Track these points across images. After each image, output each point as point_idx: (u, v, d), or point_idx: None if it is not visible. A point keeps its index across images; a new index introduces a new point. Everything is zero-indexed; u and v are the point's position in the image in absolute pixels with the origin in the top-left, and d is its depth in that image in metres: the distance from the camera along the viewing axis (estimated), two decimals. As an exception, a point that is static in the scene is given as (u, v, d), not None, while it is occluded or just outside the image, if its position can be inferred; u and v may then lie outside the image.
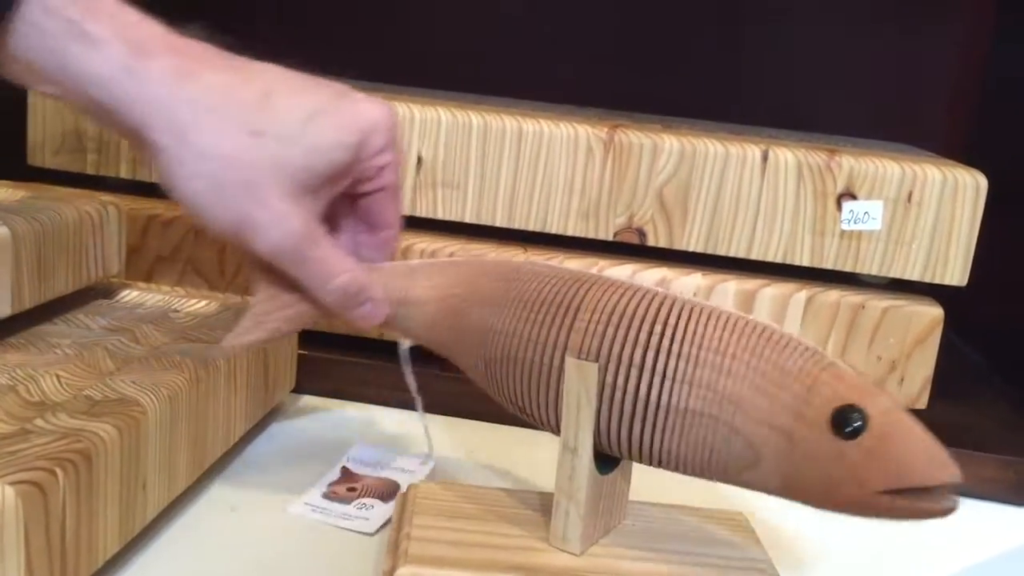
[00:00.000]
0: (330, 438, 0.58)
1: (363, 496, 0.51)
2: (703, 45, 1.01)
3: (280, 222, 0.41)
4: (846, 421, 0.35)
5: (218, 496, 0.50)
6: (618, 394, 0.39)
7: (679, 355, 0.38)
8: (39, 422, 0.39)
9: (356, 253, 0.47)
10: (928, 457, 0.34)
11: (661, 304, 0.39)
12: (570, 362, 0.39)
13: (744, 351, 0.37)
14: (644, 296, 0.40)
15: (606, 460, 0.41)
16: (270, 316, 0.45)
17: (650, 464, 0.40)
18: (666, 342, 0.38)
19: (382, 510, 0.49)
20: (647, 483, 0.49)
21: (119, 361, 0.47)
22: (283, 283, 0.45)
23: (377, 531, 0.48)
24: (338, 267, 0.44)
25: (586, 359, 0.39)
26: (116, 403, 0.42)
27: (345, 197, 0.46)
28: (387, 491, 0.51)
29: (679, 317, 0.39)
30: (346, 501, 0.50)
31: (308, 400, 0.63)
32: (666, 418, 0.38)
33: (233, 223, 0.41)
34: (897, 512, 0.35)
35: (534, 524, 0.43)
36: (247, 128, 0.40)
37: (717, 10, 1.00)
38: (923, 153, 0.71)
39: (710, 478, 0.39)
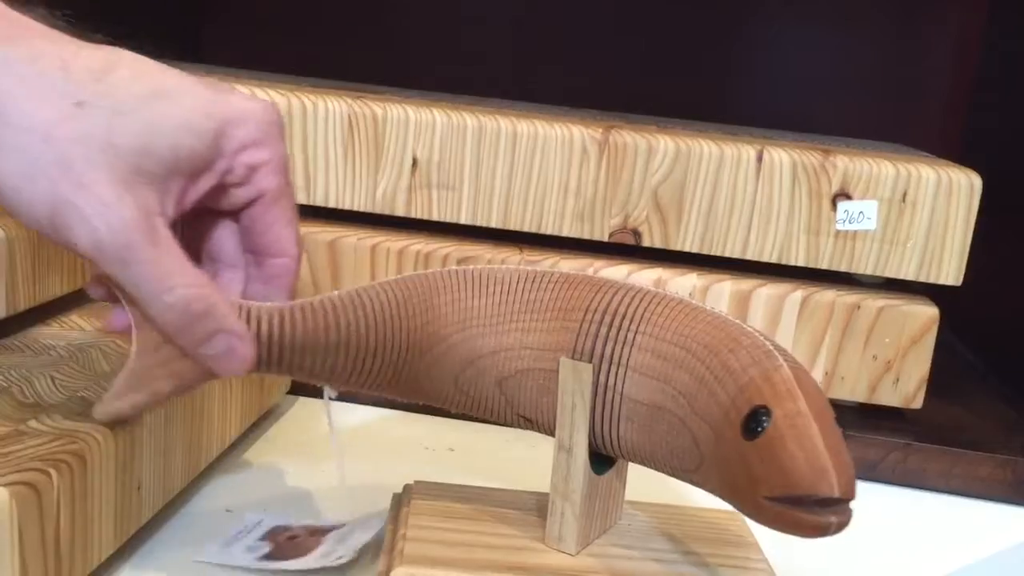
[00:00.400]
0: (325, 441, 0.58)
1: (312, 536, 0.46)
2: (697, 47, 1.01)
3: (104, 210, 0.33)
4: (755, 423, 0.33)
5: (214, 498, 0.49)
6: (611, 395, 0.39)
7: (642, 347, 0.38)
8: (33, 423, 0.39)
9: (244, 293, 0.40)
10: (812, 465, 0.32)
11: (634, 297, 0.39)
12: (565, 363, 0.39)
13: (699, 344, 0.37)
14: (624, 291, 0.40)
15: (601, 460, 0.41)
16: (150, 374, 0.38)
17: (635, 462, 0.40)
18: (631, 335, 0.38)
19: (354, 539, 0.45)
20: (644, 483, 0.49)
21: (114, 362, 0.47)
22: (162, 336, 0.37)
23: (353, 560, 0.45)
24: (178, 276, 0.35)
25: (580, 359, 0.39)
26: (111, 404, 0.42)
27: (223, 218, 0.39)
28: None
29: (646, 309, 0.39)
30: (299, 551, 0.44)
31: (304, 402, 0.63)
32: (635, 411, 0.38)
33: (47, 211, 0.33)
34: (781, 521, 0.32)
35: (530, 524, 0.43)
36: (73, 98, 0.34)
37: (711, 12, 1.00)
38: (917, 153, 0.72)
39: (679, 478, 0.39)
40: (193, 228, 0.40)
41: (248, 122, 0.37)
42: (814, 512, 0.32)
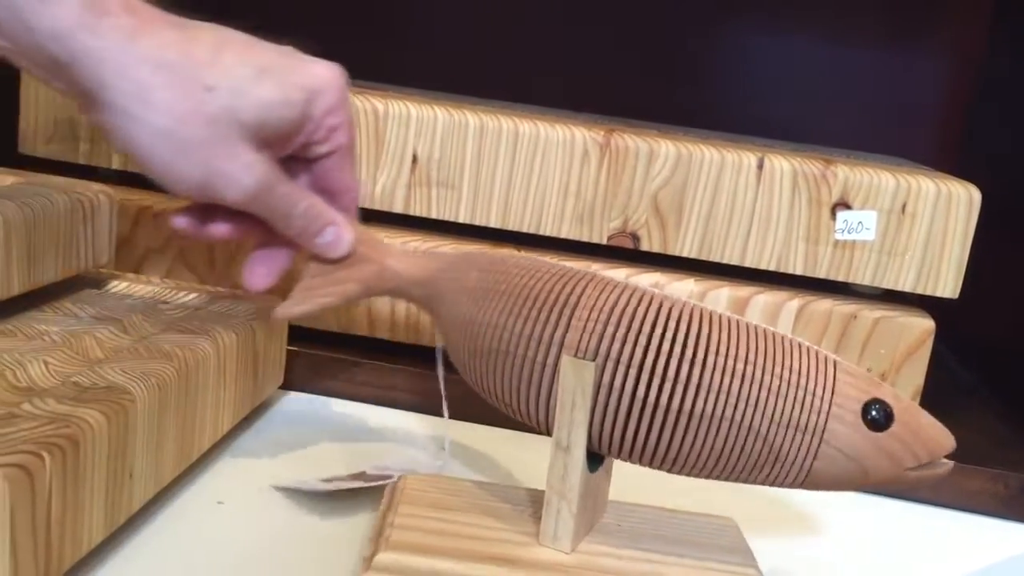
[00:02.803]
0: (317, 435, 0.58)
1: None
2: (699, 57, 1.01)
3: (249, 170, 0.42)
4: (876, 414, 0.38)
5: (205, 489, 0.49)
6: (615, 394, 0.39)
7: (686, 359, 0.38)
8: (26, 406, 0.38)
9: None
10: (941, 433, 0.40)
11: (661, 305, 0.40)
12: (566, 360, 0.39)
13: (756, 354, 0.39)
14: (643, 296, 0.40)
15: (593, 457, 0.41)
16: (318, 291, 0.48)
17: (647, 465, 0.40)
18: (668, 345, 0.39)
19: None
20: (637, 485, 0.49)
21: (107, 350, 0.47)
22: (332, 264, 0.48)
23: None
24: (299, 197, 0.46)
25: (583, 358, 0.39)
26: (104, 390, 0.41)
27: (300, 164, 0.47)
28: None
29: (679, 320, 0.39)
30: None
31: (296, 396, 0.63)
32: (673, 420, 0.39)
33: (201, 177, 0.42)
34: (922, 482, 0.39)
35: (520, 519, 0.43)
36: (200, 83, 0.40)
37: (713, 23, 1.00)
38: (918, 166, 0.72)
39: (716, 477, 0.40)
40: None
41: (329, 90, 0.45)
42: (943, 464, 0.39)
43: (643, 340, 0.39)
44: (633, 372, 0.39)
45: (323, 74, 0.45)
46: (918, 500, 0.61)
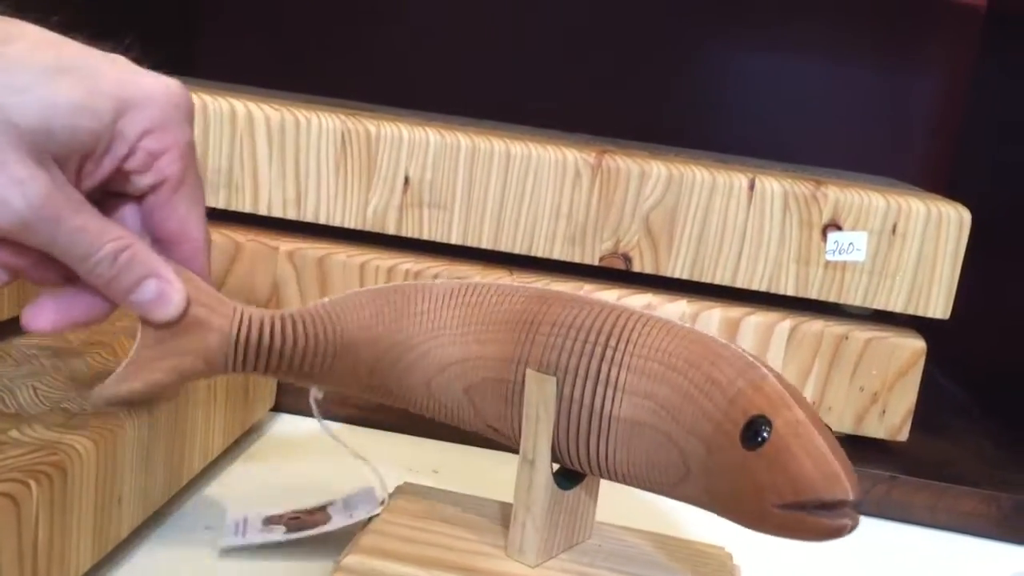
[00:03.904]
0: (308, 458, 0.57)
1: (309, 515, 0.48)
2: (690, 78, 1.02)
3: (20, 187, 0.33)
4: (754, 432, 0.34)
5: (194, 515, 0.49)
6: (574, 406, 0.39)
7: (623, 365, 0.38)
8: (14, 433, 0.38)
9: None
10: (824, 471, 0.33)
11: (609, 315, 0.40)
12: (530, 375, 0.39)
13: (680, 360, 0.37)
14: (598, 309, 0.40)
15: (569, 475, 0.42)
16: (148, 365, 0.40)
17: (605, 477, 0.40)
18: (611, 352, 0.38)
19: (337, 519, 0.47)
20: (639, 510, 0.49)
21: (97, 374, 0.46)
22: (169, 330, 0.40)
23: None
24: (106, 235, 0.36)
25: (545, 372, 0.39)
26: (93, 416, 0.41)
27: (126, 201, 0.39)
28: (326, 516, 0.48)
29: (624, 327, 0.39)
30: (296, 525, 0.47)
31: (287, 419, 0.63)
32: (612, 428, 0.38)
33: None
34: (791, 527, 0.33)
35: (494, 532, 0.43)
36: None
37: (704, 44, 1.01)
38: (907, 186, 0.72)
39: (657, 492, 0.39)
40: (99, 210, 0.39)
41: (150, 106, 0.36)
42: (828, 515, 0.33)
43: (587, 349, 0.39)
44: (581, 382, 0.39)
45: (149, 86, 0.36)
46: (911, 521, 0.61)
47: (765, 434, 0.34)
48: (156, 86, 0.37)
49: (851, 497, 0.33)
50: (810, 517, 0.33)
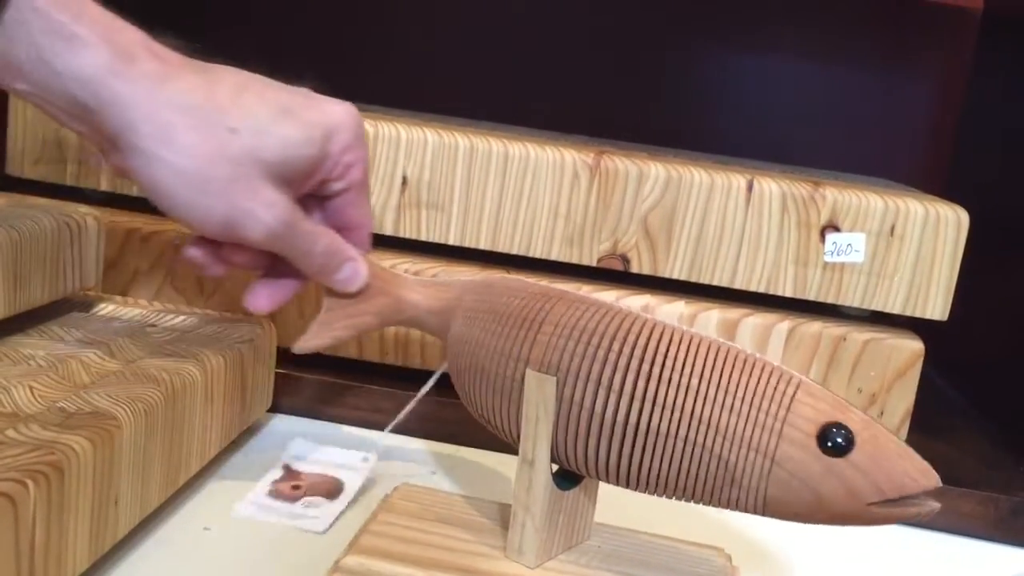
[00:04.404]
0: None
1: (308, 495, 0.51)
2: (688, 79, 1.02)
3: (271, 208, 0.43)
4: (833, 438, 0.36)
5: (191, 515, 0.49)
6: (575, 410, 0.39)
7: (645, 375, 0.38)
8: (11, 433, 0.38)
9: None
10: (913, 467, 0.36)
11: (622, 321, 0.40)
12: (530, 375, 0.40)
13: (714, 371, 0.38)
14: (606, 312, 0.40)
15: (568, 476, 0.42)
16: (335, 324, 0.49)
17: (612, 482, 0.40)
18: (627, 361, 0.38)
19: (329, 508, 0.50)
20: (634, 511, 0.48)
21: (94, 374, 0.46)
22: (351, 297, 0.49)
23: (327, 530, 0.48)
24: (320, 234, 0.46)
25: (546, 372, 0.39)
26: (90, 416, 0.41)
27: (315, 201, 0.48)
28: (332, 489, 0.52)
29: (640, 335, 0.39)
30: (291, 500, 0.51)
31: (285, 419, 0.62)
32: (632, 438, 0.38)
33: (223, 216, 0.42)
34: (888, 519, 0.36)
35: (493, 533, 0.43)
36: (224, 125, 0.41)
37: (702, 45, 1.01)
38: (905, 188, 0.72)
39: (679, 498, 0.39)
40: None
41: (345, 129, 0.46)
42: (919, 503, 0.36)
43: (601, 355, 0.39)
44: (591, 388, 0.39)
45: (340, 112, 0.46)
46: (908, 523, 0.60)
47: (843, 440, 0.36)
48: (344, 112, 0.46)
49: (939, 483, 0.36)
50: (909, 508, 0.36)
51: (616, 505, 0.47)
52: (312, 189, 0.47)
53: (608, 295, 0.63)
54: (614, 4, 1.00)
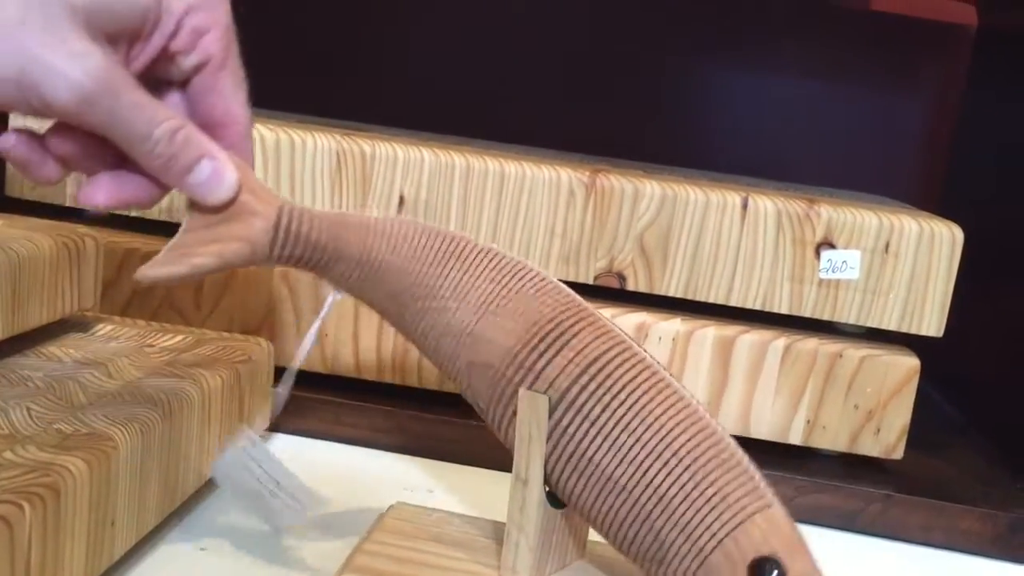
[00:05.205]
0: (304, 478, 0.57)
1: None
2: (683, 97, 1.02)
3: (80, 61, 0.34)
4: (764, 572, 0.35)
5: (188, 535, 0.49)
6: (556, 432, 0.39)
7: (616, 414, 0.38)
8: (8, 455, 0.38)
9: None
10: None
11: (634, 364, 0.39)
12: (523, 392, 0.39)
13: (693, 452, 0.37)
14: (595, 329, 0.40)
15: None
16: (193, 249, 0.40)
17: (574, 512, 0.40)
18: (602, 392, 0.38)
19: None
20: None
21: (91, 395, 0.46)
22: (213, 216, 0.40)
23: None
24: (161, 111, 0.37)
25: (538, 390, 0.39)
26: (87, 437, 0.41)
27: (172, 88, 0.40)
28: None
29: (623, 366, 0.39)
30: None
31: (283, 439, 0.62)
32: (585, 467, 0.38)
33: (16, 72, 0.33)
34: None
35: (488, 552, 0.43)
36: None
37: (697, 63, 1.01)
38: (900, 205, 0.72)
39: (617, 548, 0.39)
40: None
41: None
42: None
43: (574, 370, 0.39)
44: (555, 396, 0.39)
45: None
46: (906, 540, 0.61)
47: (766, 573, 0.35)
48: None
49: None
50: None
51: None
52: (155, 62, 0.38)
53: (604, 313, 0.63)
54: (610, 24, 1.01)
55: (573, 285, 0.64)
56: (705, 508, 0.36)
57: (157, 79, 0.38)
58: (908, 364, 0.63)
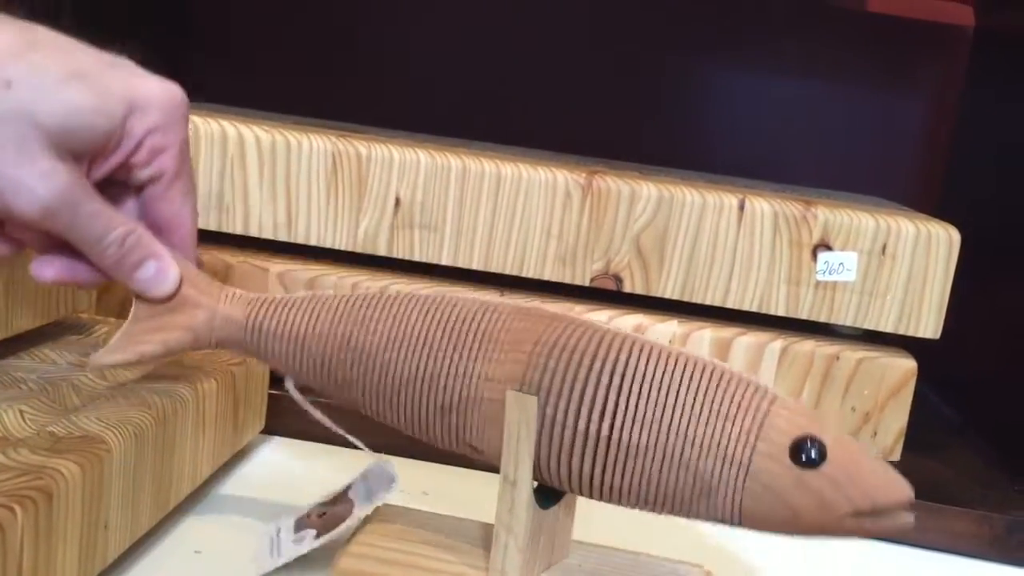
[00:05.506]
0: (298, 481, 0.57)
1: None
2: (680, 99, 1.02)
3: (45, 178, 0.37)
4: (806, 451, 0.36)
5: (182, 539, 0.48)
6: (557, 428, 0.39)
7: (623, 390, 0.38)
8: (0, 458, 0.38)
9: None
10: (887, 480, 0.36)
11: (602, 339, 0.40)
12: (510, 394, 0.39)
13: (691, 385, 0.38)
14: (586, 331, 0.40)
15: (548, 494, 0.41)
16: (140, 337, 0.44)
17: (594, 497, 0.40)
18: (608, 378, 0.39)
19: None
20: (609, 527, 0.48)
21: (85, 397, 0.46)
22: (159, 307, 0.44)
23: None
24: (115, 221, 0.41)
25: (527, 391, 0.39)
26: (80, 440, 0.41)
27: (126, 191, 0.43)
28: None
29: (620, 351, 0.39)
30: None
31: (277, 441, 0.62)
32: (611, 452, 0.38)
33: None
34: (861, 532, 0.37)
35: (475, 553, 0.43)
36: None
37: (694, 65, 1.01)
38: (897, 207, 0.72)
39: (657, 511, 0.40)
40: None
41: (155, 107, 0.41)
42: (893, 517, 0.36)
43: (583, 374, 0.39)
44: (574, 406, 0.39)
45: (153, 89, 0.40)
46: (902, 542, 0.60)
47: (816, 453, 0.36)
48: (159, 89, 0.41)
49: (913, 498, 0.36)
50: (883, 522, 0.36)
51: (592, 521, 0.47)
52: (116, 175, 0.41)
53: (601, 315, 0.63)
54: (607, 24, 1.01)
55: (569, 287, 0.65)
56: (728, 425, 0.37)
57: (115, 181, 0.42)
58: (905, 366, 0.63)
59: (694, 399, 0.38)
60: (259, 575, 0.45)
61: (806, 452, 0.36)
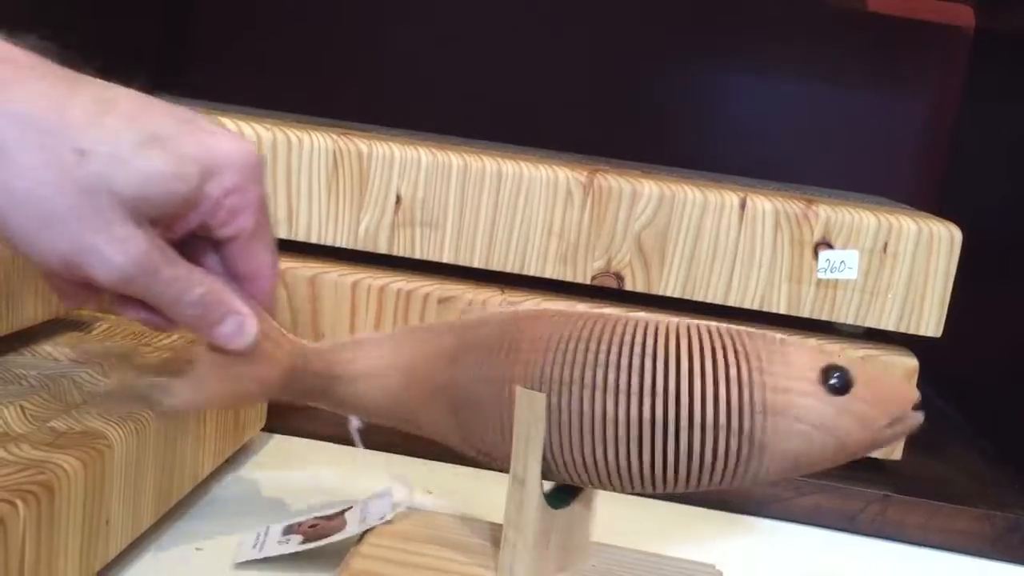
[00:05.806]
0: (299, 479, 0.57)
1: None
2: (681, 97, 1.02)
3: (123, 245, 0.37)
4: (838, 380, 0.37)
5: (183, 535, 0.48)
6: (563, 415, 0.39)
7: (645, 370, 0.38)
8: (1, 453, 0.38)
9: None
10: (901, 385, 0.40)
11: (604, 324, 0.40)
12: (519, 391, 0.39)
13: (704, 350, 0.38)
14: (588, 320, 0.40)
15: (561, 495, 0.41)
16: (212, 385, 0.44)
17: (629, 489, 0.40)
18: (625, 359, 0.38)
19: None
20: (619, 529, 0.48)
21: (86, 393, 0.46)
22: (236, 357, 0.43)
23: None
24: (194, 282, 0.40)
25: (531, 388, 0.39)
26: (81, 435, 0.41)
27: (207, 243, 0.42)
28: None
29: (624, 334, 0.39)
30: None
31: (278, 439, 0.62)
32: (647, 435, 0.38)
33: (67, 252, 0.37)
34: (895, 437, 0.39)
35: (484, 553, 0.43)
36: (70, 146, 0.35)
37: (695, 64, 1.01)
38: (898, 205, 0.72)
39: (704, 486, 0.39)
40: (180, 250, 0.42)
41: (231, 169, 0.40)
42: (913, 417, 0.39)
43: (602, 359, 0.38)
44: (598, 394, 0.38)
45: (226, 149, 0.39)
46: (904, 540, 0.60)
47: (840, 379, 0.37)
48: (234, 149, 0.40)
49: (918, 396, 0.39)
50: (908, 422, 0.38)
51: (608, 523, 0.47)
52: (192, 232, 0.41)
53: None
54: (608, 23, 1.01)
55: (571, 285, 0.64)
56: (760, 377, 0.37)
57: (196, 236, 0.42)
58: (907, 364, 0.63)
59: (714, 362, 0.38)
60: (236, 562, 0.45)
61: (839, 380, 0.37)
